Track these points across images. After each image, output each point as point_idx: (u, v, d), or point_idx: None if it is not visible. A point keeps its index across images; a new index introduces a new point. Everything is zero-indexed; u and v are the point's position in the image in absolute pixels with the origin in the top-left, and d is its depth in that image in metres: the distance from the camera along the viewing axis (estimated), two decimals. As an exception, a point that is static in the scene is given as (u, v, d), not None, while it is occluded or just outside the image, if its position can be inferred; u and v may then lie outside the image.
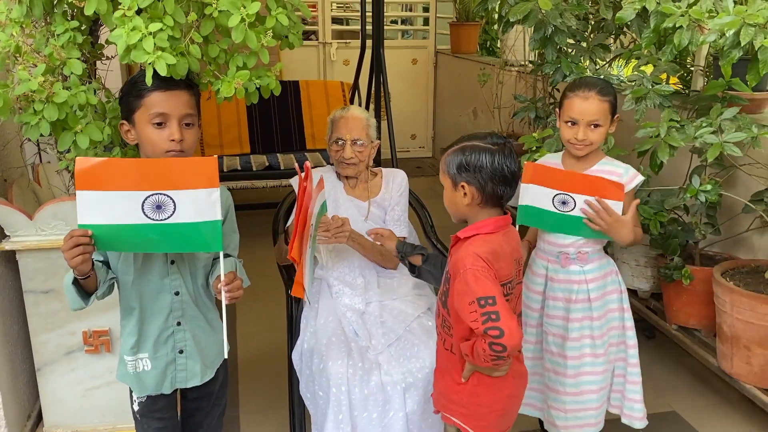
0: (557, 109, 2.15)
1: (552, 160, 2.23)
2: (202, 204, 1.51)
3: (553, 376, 2.18)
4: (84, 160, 1.46)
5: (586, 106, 2.01)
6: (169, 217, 1.51)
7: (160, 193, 1.49)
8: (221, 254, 1.58)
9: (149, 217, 1.50)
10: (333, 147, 2.32)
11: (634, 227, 2.02)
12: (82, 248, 1.46)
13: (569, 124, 2.06)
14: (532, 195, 2.08)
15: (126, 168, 1.49)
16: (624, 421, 2.20)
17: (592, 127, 2.03)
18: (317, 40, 6.18)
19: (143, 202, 1.49)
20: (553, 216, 2.06)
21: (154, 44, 1.54)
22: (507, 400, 1.76)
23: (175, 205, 1.50)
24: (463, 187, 1.66)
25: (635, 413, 2.18)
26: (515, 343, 1.51)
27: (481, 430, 1.73)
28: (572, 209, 2.03)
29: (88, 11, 1.54)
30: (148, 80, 1.57)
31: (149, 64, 1.55)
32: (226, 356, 1.64)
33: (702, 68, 3.14)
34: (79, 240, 1.46)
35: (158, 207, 1.50)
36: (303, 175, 1.75)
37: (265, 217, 3.19)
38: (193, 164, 1.52)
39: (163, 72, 1.55)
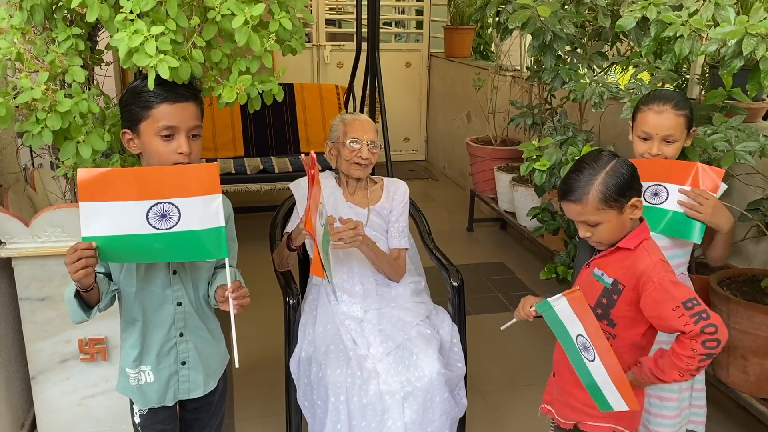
0: (630, 122, 2.09)
1: None
2: (205, 211, 1.50)
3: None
4: (86, 171, 1.44)
5: (660, 120, 1.96)
6: (174, 226, 1.49)
7: (166, 202, 1.47)
8: (226, 261, 1.56)
9: (154, 227, 1.48)
10: (348, 147, 2.27)
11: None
12: (85, 261, 1.44)
13: (643, 138, 2.00)
14: None
15: (129, 177, 1.47)
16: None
17: (666, 142, 1.97)
18: (311, 42, 6.17)
19: (148, 211, 1.47)
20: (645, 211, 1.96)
21: (156, 48, 1.52)
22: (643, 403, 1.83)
23: (180, 213, 1.49)
24: (635, 203, 1.65)
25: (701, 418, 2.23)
26: (727, 336, 1.56)
27: (635, 430, 1.80)
28: (664, 201, 1.96)
29: (90, 18, 1.52)
30: (150, 84, 1.55)
31: (151, 67, 1.52)
32: (237, 365, 1.62)
33: (698, 77, 3.15)
34: (84, 253, 1.44)
35: (163, 216, 1.48)
36: (310, 164, 1.77)
37: (259, 221, 3.17)
38: (194, 171, 1.51)
39: (165, 75, 1.53)
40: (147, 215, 1.47)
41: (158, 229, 1.48)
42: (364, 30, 4.54)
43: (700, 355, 1.57)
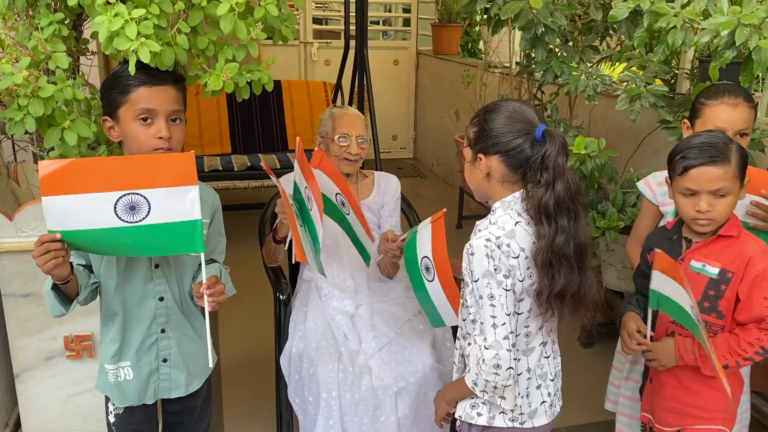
0: (686, 120, 1.97)
1: None
2: (179, 203, 1.43)
3: None
4: (48, 164, 1.37)
5: (736, 114, 1.84)
6: (143, 219, 1.42)
7: (134, 193, 1.40)
8: (202, 256, 1.50)
9: (123, 220, 1.42)
10: (336, 143, 2.24)
11: None
12: (53, 254, 1.39)
13: None
14: None
15: (95, 168, 1.40)
16: None
17: (739, 136, 1.85)
18: (298, 39, 6.12)
19: (115, 203, 1.40)
20: None
21: (138, 32, 1.48)
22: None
23: (149, 205, 1.42)
24: (746, 184, 1.63)
25: None
26: None
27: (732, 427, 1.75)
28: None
29: (72, 1, 1.48)
30: (132, 69, 1.50)
31: (132, 51, 1.48)
32: (211, 365, 1.57)
33: (687, 71, 3.15)
34: (50, 246, 1.39)
35: (132, 208, 1.41)
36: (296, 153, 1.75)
37: (247, 218, 3.14)
38: (168, 161, 1.44)
39: (146, 59, 1.48)
40: (114, 207, 1.40)
41: (127, 221, 1.42)
42: (352, 27, 4.50)
43: (759, 347, 1.58)
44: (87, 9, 1.55)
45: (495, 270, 1.42)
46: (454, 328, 2.35)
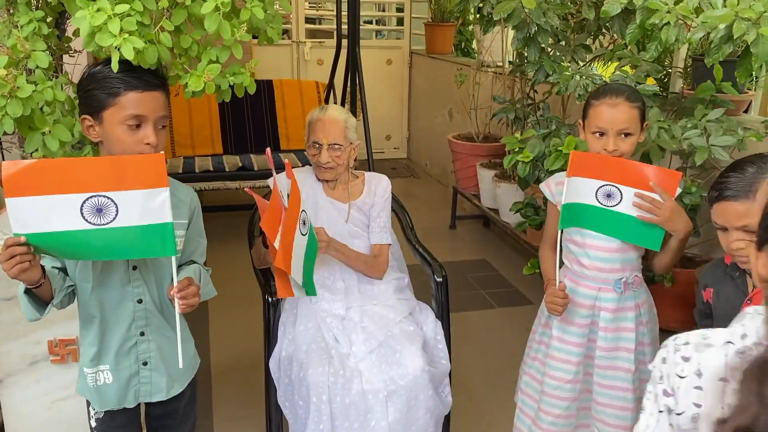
0: (580, 121, 2.00)
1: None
2: (148, 205, 1.40)
3: (612, 411, 2.01)
4: (11, 164, 1.33)
5: (615, 113, 1.86)
6: (111, 221, 1.39)
7: (100, 195, 1.37)
8: (173, 259, 1.47)
9: (89, 222, 1.38)
10: (310, 150, 2.24)
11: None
12: (19, 258, 1.35)
13: (597, 134, 1.90)
14: (575, 190, 1.86)
15: (59, 169, 1.36)
16: None
17: (623, 136, 1.87)
18: (290, 39, 6.09)
19: (81, 205, 1.37)
20: (595, 212, 1.87)
21: (121, 28, 1.44)
22: None
23: (117, 207, 1.39)
24: None
25: None
26: None
27: None
28: (617, 203, 1.85)
29: (52, -1, 1.44)
30: (114, 66, 1.46)
31: (115, 48, 1.44)
32: (181, 365, 1.54)
33: (680, 70, 3.14)
34: (15, 251, 1.34)
35: (98, 210, 1.38)
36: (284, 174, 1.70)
37: (239, 219, 3.10)
38: (137, 162, 1.40)
39: (129, 56, 1.44)
40: (81, 209, 1.37)
41: (94, 224, 1.38)
42: (345, 27, 4.47)
43: None
44: (67, 5, 1.51)
45: None
46: (447, 329, 2.32)
